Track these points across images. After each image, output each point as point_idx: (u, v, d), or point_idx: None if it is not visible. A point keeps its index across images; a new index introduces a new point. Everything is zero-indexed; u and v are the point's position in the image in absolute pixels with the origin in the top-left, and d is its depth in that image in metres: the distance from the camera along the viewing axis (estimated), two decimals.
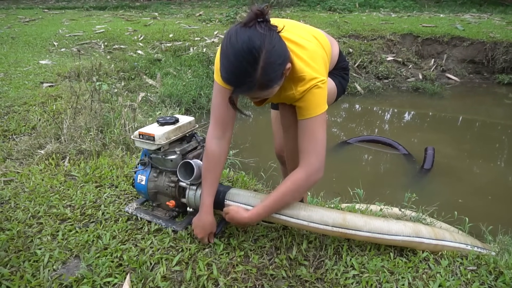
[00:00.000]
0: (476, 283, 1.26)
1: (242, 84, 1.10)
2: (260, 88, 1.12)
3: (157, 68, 4.91)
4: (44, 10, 10.38)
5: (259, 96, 1.22)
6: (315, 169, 1.27)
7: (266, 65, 1.07)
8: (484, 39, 6.09)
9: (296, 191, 1.29)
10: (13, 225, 1.56)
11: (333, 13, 9.04)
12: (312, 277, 1.30)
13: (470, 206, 2.71)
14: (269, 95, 1.21)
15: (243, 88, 1.12)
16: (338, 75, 1.57)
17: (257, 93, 1.15)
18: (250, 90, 1.12)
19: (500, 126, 4.67)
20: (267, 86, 1.13)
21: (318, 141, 1.28)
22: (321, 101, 1.26)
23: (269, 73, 1.09)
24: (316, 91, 1.23)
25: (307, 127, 1.27)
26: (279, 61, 1.10)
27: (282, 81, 1.18)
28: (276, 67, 1.10)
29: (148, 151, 1.58)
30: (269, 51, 1.06)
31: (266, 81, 1.10)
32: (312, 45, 1.28)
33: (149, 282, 1.27)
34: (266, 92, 1.16)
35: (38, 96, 3.29)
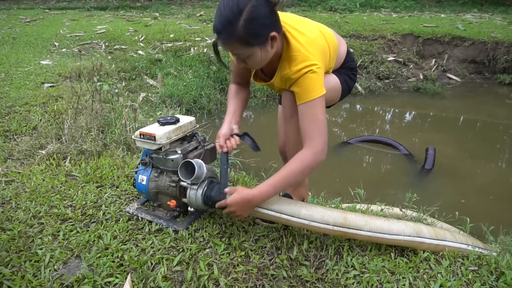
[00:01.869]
0: (477, 284, 1.26)
1: (224, 31, 1.18)
2: (240, 42, 1.19)
3: (158, 69, 4.92)
4: (45, 10, 10.40)
5: (240, 54, 1.26)
6: (320, 149, 1.31)
7: (249, 18, 1.15)
8: (485, 39, 6.08)
9: (302, 171, 1.31)
10: (14, 225, 1.57)
11: (334, 13, 9.04)
12: (313, 277, 1.30)
13: (471, 206, 2.70)
14: (251, 59, 1.26)
15: (224, 36, 1.19)
16: (345, 74, 1.58)
17: (237, 47, 1.22)
18: (229, 39, 1.19)
19: (501, 126, 4.66)
20: (247, 42, 1.20)
21: (319, 122, 1.31)
22: (317, 85, 1.30)
23: (250, 27, 1.16)
24: (311, 76, 1.28)
25: (307, 110, 1.31)
26: (262, 20, 1.19)
27: (266, 48, 1.24)
28: (258, 25, 1.18)
29: (149, 151, 1.58)
30: (255, 7, 1.16)
31: (246, 35, 1.17)
32: (313, 34, 1.34)
33: (150, 282, 1.27)
34: (246, 49, 1.22)
35: (39, 97, 3.30)
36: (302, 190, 1.67)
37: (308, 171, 1.34)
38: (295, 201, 1.42)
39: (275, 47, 1.28)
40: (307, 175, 1.35)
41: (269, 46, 1.26)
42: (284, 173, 1.31)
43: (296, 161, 1.30)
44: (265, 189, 1.31)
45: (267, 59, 1.31)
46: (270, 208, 1.38)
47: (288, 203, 1.38)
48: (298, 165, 1.30)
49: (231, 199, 1.33)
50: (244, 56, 1.27)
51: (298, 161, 1.30)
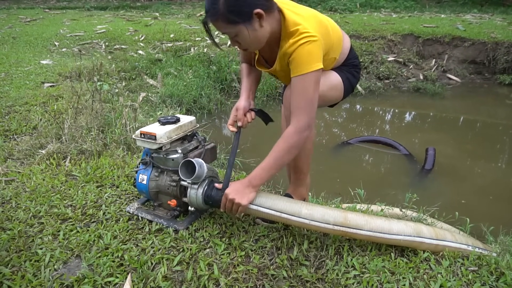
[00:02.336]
0: (477, 284, 1.26)
1: (209, 10, 1.24)
2: (223, 20, 1.23)
3: (158, 68, 4.92)
4: (45, 10, 10.40)
5: (228, 33, 1.28)
6: (305, 125, 1.29)
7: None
8: (485, 40, 6.08)
9: (288, 149, 1.31)
10: (14, 225, 1.57)
11: (334, 13, 9.04)
12: (313, 277, 1.30)
13: (471, 206, 2.70)
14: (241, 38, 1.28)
15: (209, 14, 1.24)
16: (347, 71, 1.56)
17: (222, 25, 1.25)
18: (213, 16, 1.23)
19: (501, 126, 4.67)
20: (229, 20, 1.23)
21: (308, 98, 1.29)
22: (314, 57, 1.27)
23: (230, 4, 1.20)
24: (309, 46, 1.26)
25: (298, 83, 1.29)
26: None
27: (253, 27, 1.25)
28: (238, 2, 1.21)
29: (149, 151, 1.58)
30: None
31: (227, 12, 1.21)
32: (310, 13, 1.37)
33: (150, 282, 1.27)
34: (231, 27, 1.25)
35: (39, 96, 3.30)
36: (302, 190, 1.67)
37: (295, 149, 1.33)
38: (295, 200, 1.42)
39: (266, 26, 1.28)
40: (295, 152, 1.34)
41: (256, 24, 1.26)
42: (272, 154, 1.32)
43: (281, 140, 1.32)
44: (258, 172, 1.34)
45: (259, 38, 1.30)
46: (270, 207, 1.38)
47: (289, 202, 1.38)
48: (283, 144, 1.31)
49: (229, 188, 1.37)
50: (232, 35, 1.28)
51: (283, 140, 1.31)
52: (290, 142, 1.30)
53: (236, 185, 1.37)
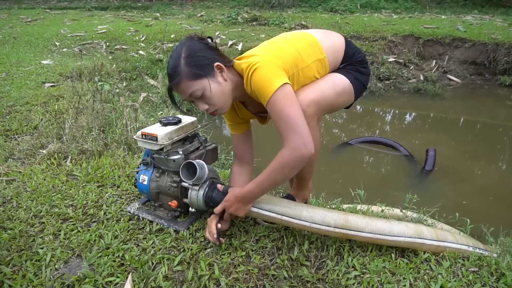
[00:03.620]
0: (478, 285, 1.26)
1: (173, 75, 1.30)
2: (187, 77, 1.28)
3: (158, 69, 4.92)
4: (46, 10, 10.41)
5: (194, 92, 1.30)
6: (297, 145, 1.22)
7: (187, 55, 1.29)
8: (485, 41, 6.08)
9: (282, 169, 1.26)
10: (15, 225, 1.57)
11: (335, 14, 9.05)
12: (314, 278, 1.30)
13: (471, 207, 2.70)
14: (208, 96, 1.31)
15: (174, 77, 1.30)
16: (354, 70, 1.49)
17: (188, 84, 1.29)
18: (178, 77, 1.28)
19: (502, 127, 4.67)
20: (193, 75, 1.28)
21: (287, 119, 1.23)
22: (267, 80, 1.24)
23: (191, 61, 1.28)
24: (256, 74, 1.26)
25: (271, 110, 1.26)
26: (200, 53, 1.30)
27: (217, 79, 1.31)
28: (197, 57, 1.29)
29: (150, 151, 1.58)
30: (189, 45, 1.31)
31: (190, 68, 1.28)
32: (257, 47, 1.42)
33: (150, 282, 1.27)
34: (196, 83, 1.29)
35: (40, 96, 3.30)
36: (306, 193, 1.66)
37: (292, 167, 1.26)
38: (296, 202, 1.42)
39: (229, 80, 1.34)
40: (291, 172, 1.29)
41: (220, 78, 1.32)
42: (266, 173, 1.29)
43: (276, 161, 1.27)
44: (251, 189, 1.33)
45: (225, 93, 1.34)
46: (271, 210, 1.38)
47: (289, 205, 1.38)
48: (277, 164, 1.26)
49: (225, 199, 1.38)
50: (199, 93, 1.30)
51: (277, 161, 1.27)
52: (282, 162, 1.25)
53: (232, 198, 1.36)
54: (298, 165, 1.26)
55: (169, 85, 1.34)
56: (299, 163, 1.25)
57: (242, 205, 1.37)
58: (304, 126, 1.23)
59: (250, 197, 1.35)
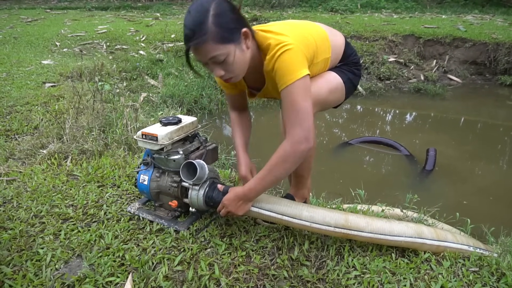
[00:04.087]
0: (478, 285, 1.26)
1: (196, 32, 1.13)
2: (213, 39, 1.14)
3: (159, 69, 4.92)
4: (46, 10, 10.41)
5: (216, 56, 1.19)
6: (299, 139, 1.22)
7: (217, 13, 1.14)
8: (486, 40, 6.07)
9: (283, 162, 1.25)
10: (16, 225, 1.57)
11: (335, 14, 9.05)
12: (314, 278, 1.30)
13: (472, 207, 2.70)
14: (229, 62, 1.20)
15: (197, 36, 1.14)
16: (348, 71, 1.50)
17: (212, 47, 1.16)
18: (202, 37, 1.14)
19: (502, 127, 4.66)
20: (221, 39, 1.15)
21: (298, 110, 1.21)
22: (294, 65, 1.20)
23: (220, 21, 1.14)
24: (286, 55, 1.20)
25: (285, 97, 1.24)
26: (230, 14, 1.17)
27: (241, 47, 1.22)
28: (227, 18, 1.16)
29: (151, 151, 1.58)
30: (219, 3, 1.15)
31: (217, 29, 1.14)
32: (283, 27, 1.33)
33: (151, 282, 1.27)
34: (221, 48, 1.17)
35: (41, 96, 3.30)
36: (305, 191, 1.66)
37: (291, 163, 1.26)
38: (296, 202, 1.42)
39: (250, 48, 1.26)
40: (292, 166, 1.28)
41: (243, 45, 1.22)
42: (268, 167, 1.28)
43: (277, 154, 1.26)
44: (253, 185, 1.32)
45: (245, 61, 1.26)
46: (271, 209, 1.38)
47: (290, 205, 1.38)
48: (279, 158, 1.25)
49: (225, 198, 1.37)
50: (222, 58, 1.20)
51: (278, 154, 1.26)
52: (284, 156, 1.25)
53: (233, 196, 1.36)
54: (299, 159, 1.26)
55: (188, 44, 1.18)
56: (299, 157, 1.25)
57: (243, 203, 1.36)
58: (311, 122, 1.23)
59: (252, 195, 1.35)
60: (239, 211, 1.37)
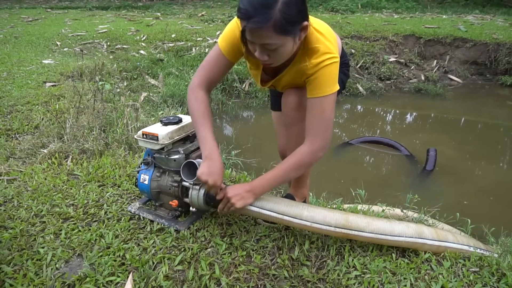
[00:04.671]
0: (479, 285, 1.26)
1: (258, 14, 1.04)
2: (275, 28, 1.07)
3: (159, 68, 4.92)
4: (47, 9, 10.42)
5: (269, 44, 1.12)
6: (320, 148, 1.29)
7: (288, 2, 1.06)
8: (487, 40, 6.07)
9: (299, 168, 1.32)
10: (16, 224, 1.57)
11: (336, 14, 9.05)
12: (314, 278, 1.30)
13: (472, 207, 2.70)
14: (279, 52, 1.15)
15: (258, 19, 1.05)
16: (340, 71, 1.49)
17: (270, 35, 1.08)
18: (264, 23, 1.05)
19: (503, 127, 4.66)
20: (282, 29, 1.08)
21: (326, 121, 1.28)
22: (334, 80, 1.26)
23: (288, 12, 1.06)
24: (331, 68, 1.23)
25: (316, 105, 1.27)
26: (299, 6, 1.10)
27: (297, 39, 1.15)
28: (295, 10, 1.09)
29: (151, 151, 1.58)
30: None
31: (282, 19, 1.06)
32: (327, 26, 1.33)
33: (151, 281, 1.27)
34: (279, 38, 1.10)
35: (41, 96, 3.30)
36: (304, 191, 1.67)
37: (305, 168, 1.36)
38: (296, 202, 1.42)
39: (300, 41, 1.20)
40: (304, 171, 1.38)
41: (298, 38, 1.16)
42: (283, 168, 1.32)
43: (295, 158, 1.31)
44: (261, 182, 1.34)
45: (292, 53, 1.22)
46: (272, 209, 1.38)
47: (290, 205, 1.38)
48: (296, 161, 1.31)
49: (231, 189, 1.34)
50: (274, 47, 1.13)
51: (296, 158, 1.30)
52: (301, 161, 1.30)
53: (238, 187, 1.36)
54: (312, 165, 1.34)
55: (245, 22, 1.08)
56: (314, 163, 1.35)
57: (246, 197, 1.33)
58: (330, 133, 1.31)
59: (258, 191, 1.36)
60: (238, 203, 1.33)
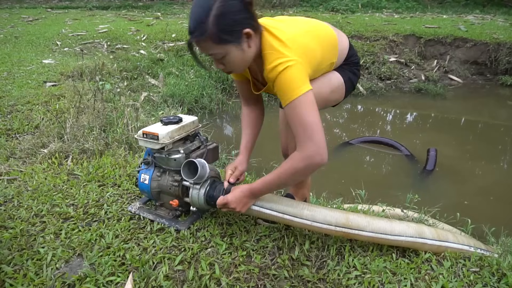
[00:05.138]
0: (479, 285, 1.26)
1: (196, 29, 1.16)
2: (212, 39, 1.16)
3: (159, 68, 4.92)
4: (47, 9, 10.42)
5: (215, 54, 1.22)
6: (312, 153, 1.19)
7: (219, 13, 1.13)
8: (487, 40, 6.06)
9: (294, 174, 1.25)
10: (16, 224, 1.57)
11: (336, 13, 9.04)
12: (314, 278, 1.30)
13: (472, 207, 2.70)
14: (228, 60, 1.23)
15: (196, 34, 1.16)
16: (349, 70, 1.52)
17: (210, 45, 1.18)
18: (201, 36, 1.16)
19: (503, 127, 4.66)
20: (219, 39, 1.16)
21: (308, 125, 1.19)
22: (297, 81, 1.20)
23: (221, 22, 1.14)
24: (288, 73, 1.19)
25: (291, 112, 1.22)
26: (233, 15, 1.16)
27: (242, 47, 1.21)
28: (229, 20, 1.15)
29: (151, 151, 1.58)
30: (224, 1, 1.14)
31: (217, 31, 1.14)
32: (293, 31, 1.28)
33: (151, 281, 1.27)
34: (220, 48, 1.19)
35: (41, 95, 3.30)
36: (304, 191, 1.67)
37: (302, 174, 1.27)
38: (297, 201, 1.42)
39: (253, 47, 1.23)
40: (301, 177, 1.30)
41: (245, 45, 1.21)
42: (276, 174, 1.28)
43: (288, 164, 1.25)
44: (259, 186, 1.33)
45: (245, 60, 1.25)
46: (273, 208, 1.38)
47: (291, 204, 1.38)
48: (290, 167, 1.24)
49: (231, 196, 1.35)
50: (220, 56, 1.22)
51: (289, 164, 1.24)
52: (295, 167, 1.23)
53: (238, 193, 1.35)
54: (310, 172, 1.25)
55: (189, 39, 1.20)
56: (311, 170, 1.24)
57: (247, 199, 1.36)
58: (320, 134, 1.20)
59: (256, 194, 1.36)
60: (240, 208, 1.36)
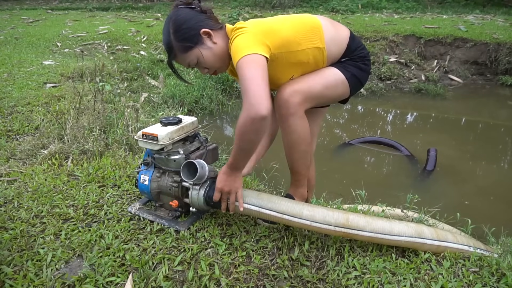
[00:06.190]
0: (479, 285, 1.26)
1: (168, 51, 1.39)
2: (181, 51, 1.37)
3: (159, 69, 4.93)
4: (48, 11, 10.44)
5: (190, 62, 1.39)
6: (247, 106, 1.17)
7: (174, 29, 1.35)
8: (487, 40, 6.07)
9: (243, 134, 1.22)
10: (16, 225, 1.57)
11: (336, 14, 9.05)
12: (314, 278, 1.30)
13: (472, 207, 2.70)
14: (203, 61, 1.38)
15: (169, 54, 1.40)
16: (353, 66, 1.49)
17: (182, 57, 1.38)
18: (173, 52, 1.38)
19: (503, 127, 4.66)
20: (184, 48, 1.36)
21: (247, 80, 1.19)
22: (244, 45, 1.27)
23: (179, 35, 1.35)
24: (238, 39, 1.30)
25: (238, 73, 1.26)
26: (186, 24, 1.35)
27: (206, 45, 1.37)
28: (183, 30, 1.35)
29: (151, 151, 1.58)
30: (175, 20, 1.36)
31: (179, 43, 1.35)
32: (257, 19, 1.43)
33: (151, 282, 1.27)
34: (189, 55, 1.37)
35: (42, 97, 3.31)
36: (304, 190, 1.65)
37: (249, 132, 1.21)
38: (297, 201, 1.42)
39: (220, 41, 1.38)
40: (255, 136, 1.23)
41: (209, 43, 1.37)
42: (234, 141, 1.29)
43: (237, 127, 1.24)
44: (231, 160, 1.35)
45: (218, 55, 1.39)
46: (272, 208, 1.38)
47: (290, 204, 1.38)
48: (237, 130, 1.23)
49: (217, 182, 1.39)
50: (195, 62, 1.39)
51: (238, 126, 1.23)
52: (239, 127, 1.21)
53: (221, 176, 1.39)
54: (254, 127, 1.20)
55: (167, 59, 1.44)
56: (254, 126, 1.19)
57: (231, 176, 1.37)
58: (259, 86, 1.18)
59: (234, 167, 1.35)
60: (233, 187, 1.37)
